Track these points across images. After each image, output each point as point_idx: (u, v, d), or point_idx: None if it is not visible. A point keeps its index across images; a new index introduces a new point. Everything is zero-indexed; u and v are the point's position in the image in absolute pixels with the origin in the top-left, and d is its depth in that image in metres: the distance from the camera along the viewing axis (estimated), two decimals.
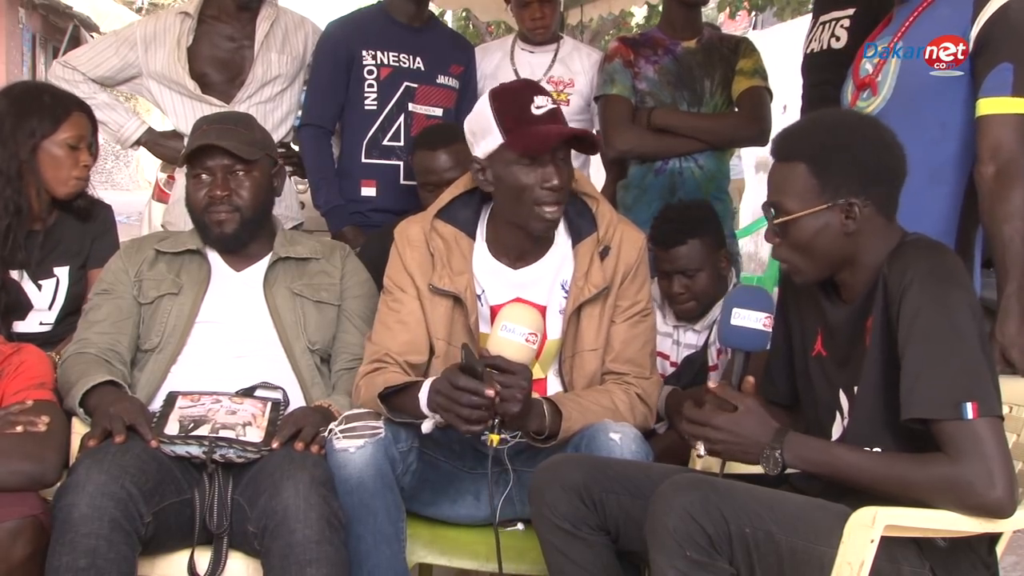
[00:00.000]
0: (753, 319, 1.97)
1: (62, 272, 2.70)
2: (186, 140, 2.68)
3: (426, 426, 2.09)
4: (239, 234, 2.46)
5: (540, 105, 2.15)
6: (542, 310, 2.26)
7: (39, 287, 2.67)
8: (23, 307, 2.67)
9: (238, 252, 2.50)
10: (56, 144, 2.63)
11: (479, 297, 2.28)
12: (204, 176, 2.43)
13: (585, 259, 2.27)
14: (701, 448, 1.93)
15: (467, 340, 2.22)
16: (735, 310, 1.98)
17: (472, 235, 2.30)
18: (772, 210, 1.96)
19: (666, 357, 2.85)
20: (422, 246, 2.28)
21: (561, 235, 2.31)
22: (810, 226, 1.92)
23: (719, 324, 2.02)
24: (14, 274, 2.64)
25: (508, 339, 2.02)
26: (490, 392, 1.95)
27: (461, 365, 2.01)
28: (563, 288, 2.28)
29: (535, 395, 2.10)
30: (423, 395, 2.06)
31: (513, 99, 2.18)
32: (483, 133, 2.18)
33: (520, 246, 2.28)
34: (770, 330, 1.98)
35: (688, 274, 2.75)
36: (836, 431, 2.00)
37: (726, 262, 2.83)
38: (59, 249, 2.71)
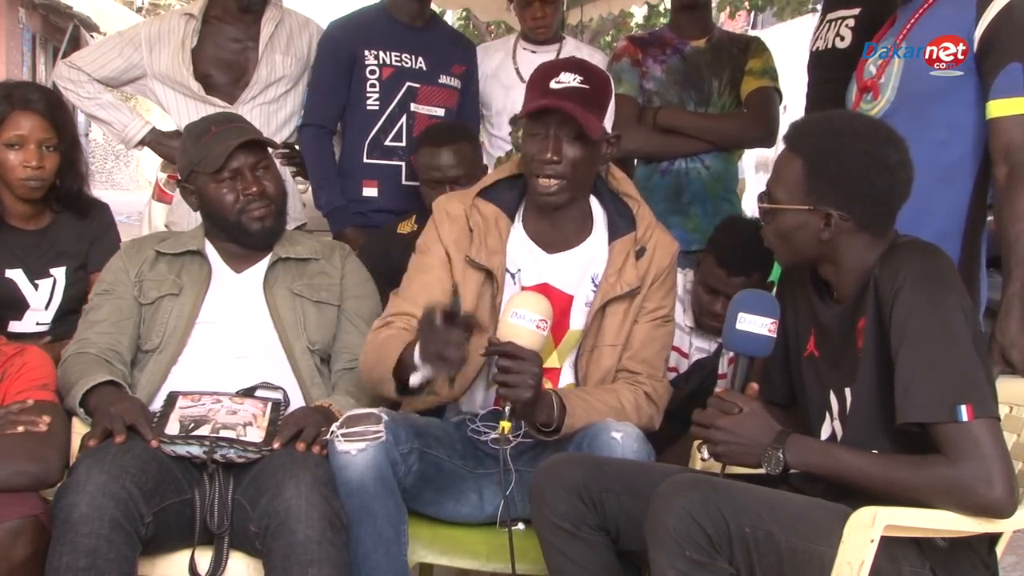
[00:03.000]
0: (758, 324, 1.95)
1: (59, 272, 2.70)
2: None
3: (415, 379, 2.09)
4: (276, 227, 2.50)
5: (562, 81, 2.18)
6: (569, 300, 2.28)
7: (36, 287, 2.67)
8: (19, 306, 2.67)
9: (258, 248, 2.51)
10: (2, 145, 2.60)
11: (513, 276, 2.29)
12: (230, 179, 2.44)
13: (620, 256, 2.28)
14: (705, 452, 1.94)
15: (490, 319, 2.24)
16: (741, 315, 1.96)
17: (512, 216, 2.33)
18: (766, 192, 1.99)
19: (685, 355, 2.85)
20: (462, 220, 2.31)
21: (599, 230, 2.33)
22: (790, 220, 1.95)
23: (724, 328, 2.01)
24: (11, 274, 2.64)
25: (519, 325, 2.02)
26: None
27: (444, 309, 2.02)
28: (592, 281, 2.30)
29: (546, 386, 2.11)
30: (417, 347, 2.07)
31: (543, 72, 2.23)
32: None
33: (553, 232, 2.30)
34: (775, 335, 1.97)
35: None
36: (825, 431, 2.01)
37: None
38: (56, 249, 2.71)
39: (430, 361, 2.01)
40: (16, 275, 2.66)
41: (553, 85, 2.18)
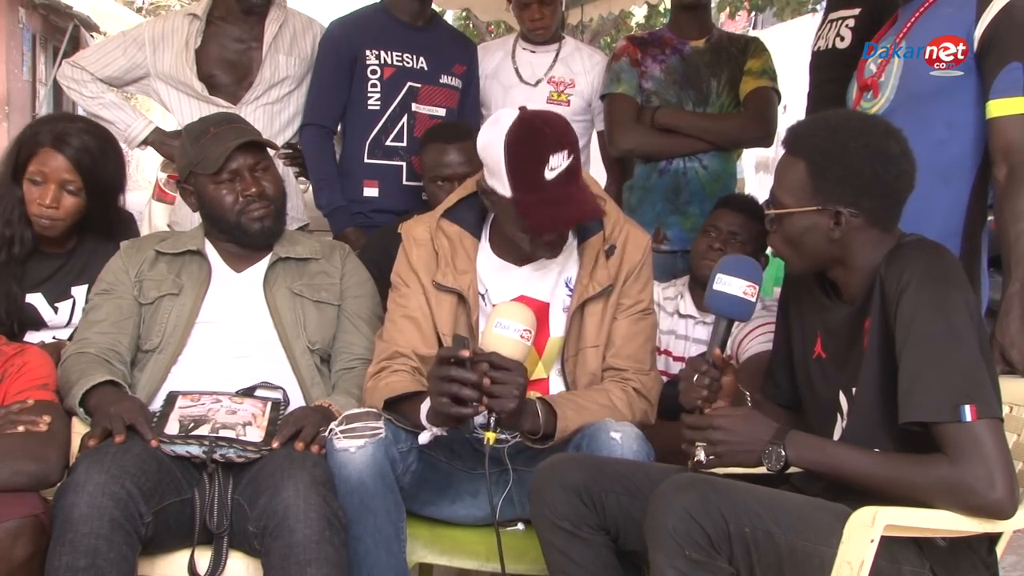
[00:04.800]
0: (736, 286, 1.96)
1: (79, 291, 2.68)
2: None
3: (423, 437, 2.11)
4: (276, 226, 2.50)
5: (554, 167, 2.10)
6: (545, 307, 2.27)
7: (55, 309, 2.66)
8: (38, 325, 2.67)
9: (258, 248, 2.51)
10: (26, 178, 2.58)
11: (482, 296, 2.29)
12: (229, 180, 2.43)
13: (591, 257, 2.28)
14: (701, 454, 1.92)
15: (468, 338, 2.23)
16: (719, 276, 1.98)
17: (477, 235, 2.32)
18: (770, 200, 1.99)
19: (668, 353, 2.85)
20: (427, 244, 2.30)
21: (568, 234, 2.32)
22: (799, 223, 1.94)
23: (706, 288, 2.03)
24: (32, 298, 2.63)
25: (503, 335, 2.02)
26: (470, 370, 1.97)
27: (441, 355, 2.03)
28: (567, 286, 2.30)
29: (530, 395, 2.11)
30: (424, 406, 2.08)
31: (527, 157, 2.11)
32: (493, 172, 2.15)
33: (521, 249, 2.29)
34: (753, 299, 1.97)
35: (736, 239, 2.80)
36: (837, 432, 2.00)
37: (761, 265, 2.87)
38: (78, 269, 2.69)
39: (441, 406, 2.00)
40: (36, 299, 2.65)
41: (548, 175, 2.10)
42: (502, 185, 2.14)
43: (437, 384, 2.00)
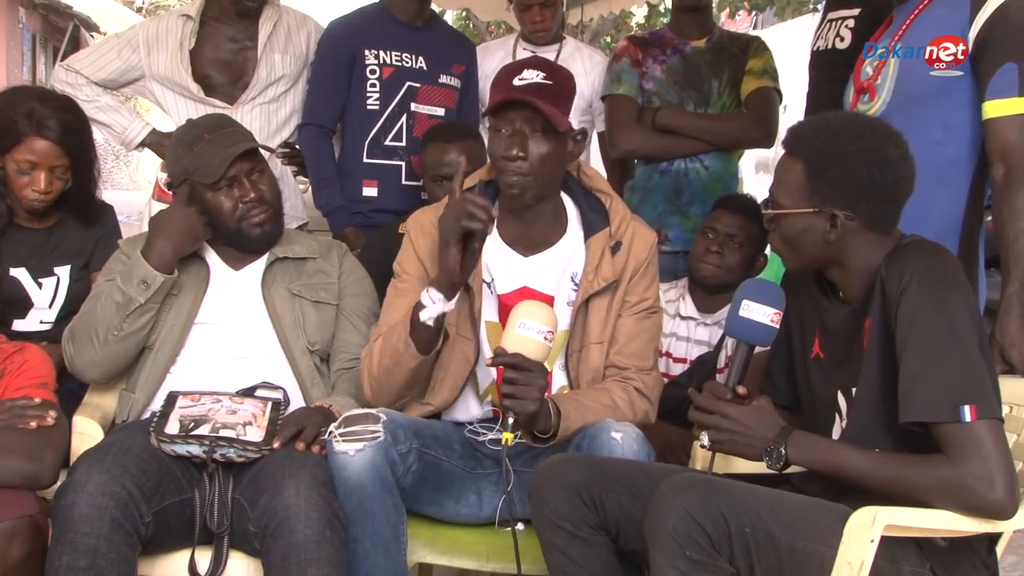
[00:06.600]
0: (762, 313, 1.96)
1: (63, 271, 2.69)
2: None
3: (426, 313, 2.12)
4: (275, 230, 2.50)
5: (524, 78, 2.18)
6: (550, 300, 2.27)
7: (39, 285, 2.67)
8: (23, 305, 2.67)
9: (255, 250, 2.50)
10: (10, 162, 2.58)
11: (488, 285, 2.29)
12: (227, 187, 2.42)
13: (596, 253, 2.28)
14: (705, 438, 1.94)
15: (470, 328, 2.25)
16: (744, 302, 1.98)
17: None
18: (769, 199, 1.99)
19: (669, 355, 2.85)
20: (433, 233, 2.30)
21: (574, 227, 2.33)
22: (796, 224, 1.95)
23: (728, 314, 2.02)
24: (16, 272, 2.64)
25: (526, 336, 2.02)
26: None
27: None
28: (573, 280, 2.30)
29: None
30: (424, 291, 2.14)
31: (507, 71, 2.23)
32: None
33: (529, 233, 2.30)
34: (777, 326, 1.98)
35: (734, 240, 2.82)
36: (836, 432, 2.00)
37: (760, 265, 2.89)
38: (61, 248, 2.70)
39: (454, 227, 2.07)
40: (20, 274, 2.65)
41: (516, 82, 2.18)
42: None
43: (455, 208, 2.08)
